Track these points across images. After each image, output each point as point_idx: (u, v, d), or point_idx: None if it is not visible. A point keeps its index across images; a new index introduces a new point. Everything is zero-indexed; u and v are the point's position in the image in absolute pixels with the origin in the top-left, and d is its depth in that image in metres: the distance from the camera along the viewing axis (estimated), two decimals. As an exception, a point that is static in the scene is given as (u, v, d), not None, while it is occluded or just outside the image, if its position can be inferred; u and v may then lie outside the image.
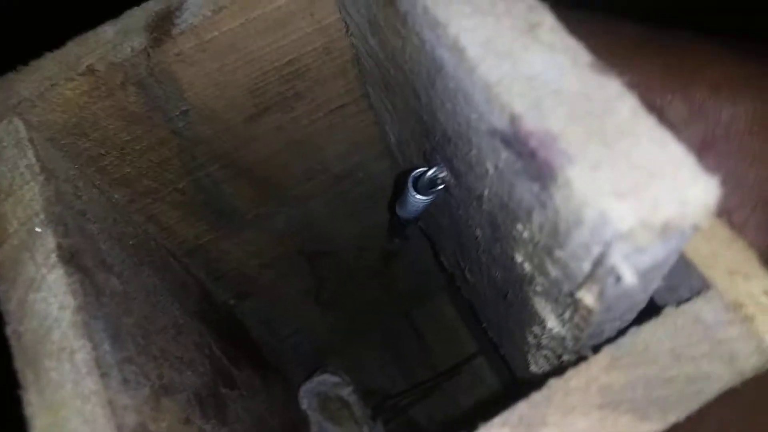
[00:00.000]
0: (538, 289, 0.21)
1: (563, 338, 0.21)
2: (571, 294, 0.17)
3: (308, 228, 0.41)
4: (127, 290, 0.26)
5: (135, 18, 0.25)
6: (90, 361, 0.20)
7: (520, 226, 0.18)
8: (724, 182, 0.13)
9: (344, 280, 0.50)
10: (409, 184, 0.27)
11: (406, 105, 0.26)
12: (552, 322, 0.22)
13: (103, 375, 0.20)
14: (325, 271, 0.48)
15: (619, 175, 0.14)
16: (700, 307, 0.18)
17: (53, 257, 0.22)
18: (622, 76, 0.15)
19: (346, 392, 0.51)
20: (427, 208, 0.29)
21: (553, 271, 0.18)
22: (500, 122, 0.16)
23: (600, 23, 0.30)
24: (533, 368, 0.29)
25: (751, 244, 0.20)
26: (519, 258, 0.21)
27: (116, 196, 0.30)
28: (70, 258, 0.22)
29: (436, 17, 0.16)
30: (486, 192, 0.20)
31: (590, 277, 0.16)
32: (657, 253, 0.14)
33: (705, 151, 0.26)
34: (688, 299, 0.19)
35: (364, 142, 0.37)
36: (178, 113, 0.28)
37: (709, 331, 0.18)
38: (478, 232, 0.25)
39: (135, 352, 0.23)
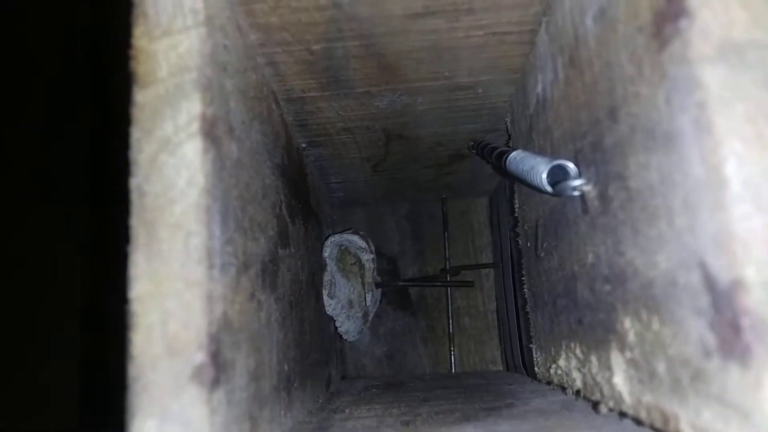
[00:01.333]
0: (618, 346, 0.21)
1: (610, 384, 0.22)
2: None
3: (404, 115, 0.40)
4: (240, 156, 0.25)
5: None
6: (202, 250, 0.20)
7: (644, 315, 0.18)
8: None
9: (408, 161, 0.50)
10: (544, 172, 0.26)
11: (586, 93, 0.24)
12: (619, 378, 0.23)
13: (210, 266, 0.20)
14: (396, 149, 0.47)
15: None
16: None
17: (195, 125, 0.21)
18: None
19: (366, 258, 0.53)
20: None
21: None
22: (719, 272, 0.15)
23: None
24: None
25: None
26: (626, 324, 0.21)
27: (252, 37, 0.28)
28: (209, 130, 0.21)
29: (712, 124, 0.15)
30: (635, 259, 0.19)
31: None
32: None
33: None
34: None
35: (503, 67, 0.34)
36: (349, -10, 0.26)
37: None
38: (588, 260, 0.25)
39: (234, 229, 0.24)
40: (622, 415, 0.23)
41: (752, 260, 0.14)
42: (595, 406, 0.26)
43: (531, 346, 0.40)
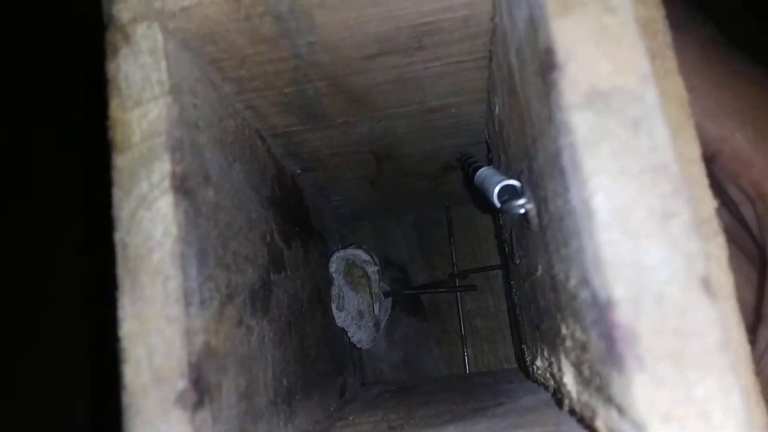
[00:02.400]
0: (568, 346, 0.23)
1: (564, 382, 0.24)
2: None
3: (386, 138, 0.42)
4: (219, 200, 0.28)
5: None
6: (179, 291, 0.23)
7: (572, 323, 0.20)
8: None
9: (402, 176, 0.52)
10: (494, 192, 0.28)
11: (520, 122, 0.26)
12: (568, 378, 0.25)
13: (187, 304, 0.23)
14: (387, 167, 0.49)
15: (674, 404, 0.15)
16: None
17: (166, 183, 0.24)
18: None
19: (371, 270, 0.56)
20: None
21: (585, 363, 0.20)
22: (598, 291, 0.17)
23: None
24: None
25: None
26: (564, 329, 0.23)
27: (226, 89, 0.31)
28: (179, 185, 0.24)
29: (581, 163, 0.17)
30: (559, 274, 0.21)
31: None
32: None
33: None
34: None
35: (468, 89, 0.36)
36: (304, 43, 0.28)
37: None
38: (539, 271, 0.27)
39: (214, 266, 0.26)
40: (573, 412, 0.25)
41: (619, 280, 0.16)
42: (559, 403, 0.29)
43: (522, 346, 0.42)
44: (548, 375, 0.32)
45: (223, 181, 0.29)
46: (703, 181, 0.21)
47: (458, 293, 0.65)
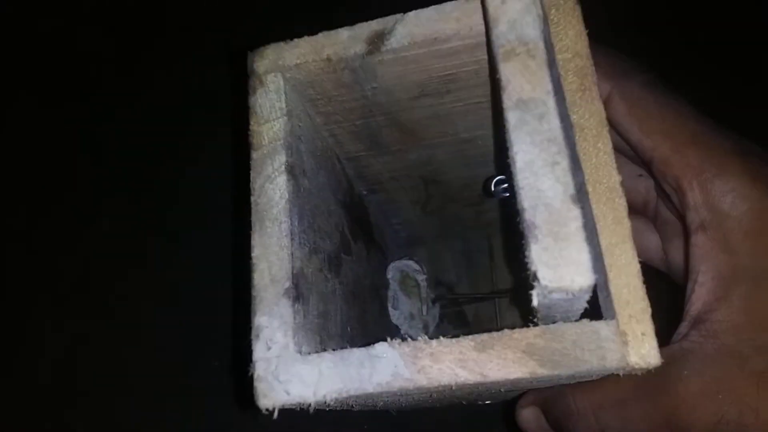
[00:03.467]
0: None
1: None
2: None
3: (431, 164, 0.57)
4: (311, 188, 0.43)
5: (361, 30, 0.40)
6: (287, 230, 0.38)
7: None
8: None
9: (447, 201, 0.66)
10: (492, 185, 0.42)
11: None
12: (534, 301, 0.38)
13: (292, 239, 0.38)
14: (434, 192, 0.64)
15: (551, 258, 0.28)
16: (602, 326, 0.33)
17: (282, 168, 0.39)
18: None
19: (421, 278, 0.69)
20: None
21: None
22: (520, 206, 0.30)
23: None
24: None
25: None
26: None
27: (317, 120, 0.47)
28: (290, 170, 0.39)
29: (512, 138, 0.31)
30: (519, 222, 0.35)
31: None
32: (556, 298, 0.29)
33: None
34: (600, 319, 0.33)
35: (488, 123, 0.51)
36: (369, 87, 0.44)
37: (600, 340, 0.32)
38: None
39: (306, 226, 0.41)
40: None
41: (528, 198, 0.29)
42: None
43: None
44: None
45: (313, 177, 0.45)
46: (611, 164, 0.34)
47: (498, 309, 0.77)
